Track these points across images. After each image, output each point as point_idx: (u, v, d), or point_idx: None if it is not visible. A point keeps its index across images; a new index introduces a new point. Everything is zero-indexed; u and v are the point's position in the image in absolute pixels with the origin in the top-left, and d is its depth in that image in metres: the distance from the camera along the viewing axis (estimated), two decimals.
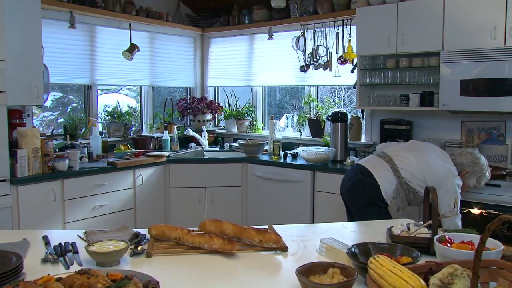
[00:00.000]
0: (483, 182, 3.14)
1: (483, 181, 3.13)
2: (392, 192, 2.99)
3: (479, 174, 3.09)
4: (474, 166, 3.07)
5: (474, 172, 3.08)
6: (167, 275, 1.63)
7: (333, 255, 1.80)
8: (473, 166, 3.07)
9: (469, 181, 3.08)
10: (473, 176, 3.08)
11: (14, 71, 3.59)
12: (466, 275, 1.20)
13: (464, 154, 3.12)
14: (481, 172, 3.09)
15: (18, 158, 3.53)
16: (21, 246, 1.89)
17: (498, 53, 3.49)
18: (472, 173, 3.08)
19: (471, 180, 3.08)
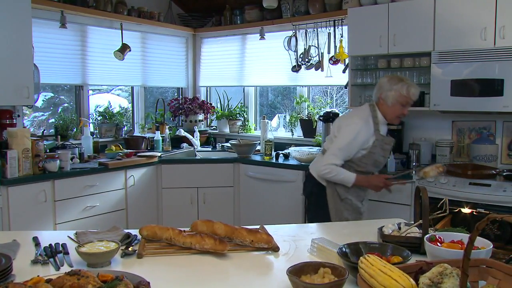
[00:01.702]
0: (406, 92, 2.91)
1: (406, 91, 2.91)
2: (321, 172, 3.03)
3: (388, 88, 2.93)
4: (381, 88, 2.96)
5: (386, 92, 2.93)
6: (158, 276, 1.63)
7: (324, 255, 1.80)
8: (381, 89, 2.96)
9: (389, 101, 2.93)
10: (388, 94, 2.93)
11: (4, 71, 3.56)
12: (455, 274, 1.21)
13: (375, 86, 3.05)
14: (395, 86, 2.92)
15: (8, 158, 3.50)
16: (11, 248, 1.88)
17: (488, 53, 3.52)
18: (385, 93, 2.94)
19: (390, 99, 2.92)
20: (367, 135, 2.95)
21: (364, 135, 2.94)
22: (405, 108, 2.97)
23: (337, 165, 2.94)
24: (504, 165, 3.87)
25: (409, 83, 2.95)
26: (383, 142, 2.99)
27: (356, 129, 2.94)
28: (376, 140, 2.96)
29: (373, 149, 2.96)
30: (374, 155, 2.98)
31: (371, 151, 2.97)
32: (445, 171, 3.38)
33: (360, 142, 2.94)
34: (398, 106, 2.94)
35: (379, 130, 2.98)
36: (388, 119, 3.02)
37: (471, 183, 3.44)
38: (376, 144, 2.96)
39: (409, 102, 2.95)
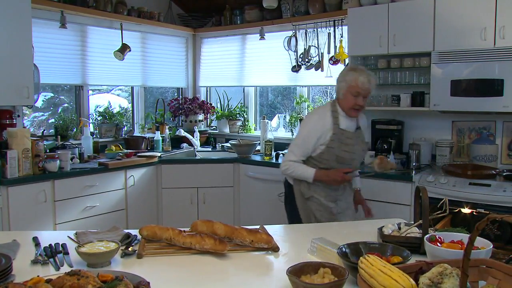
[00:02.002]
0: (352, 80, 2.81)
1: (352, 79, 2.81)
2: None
3: (342, 78, 2.87)
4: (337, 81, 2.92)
5: (337, 86, 2.89)
6: (158, 276, 1.63)
7: (324, 255, 1.80)
8: (337, 82, 2.92)
9: (340, 92, 2.86)
10: (340, 90, 2.86)
11: (4, 71, 3.56)
12: (455, 274, 1.21)
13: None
14: (343, 76, 2.86)
15: (8, 159, 3.50)
16: (11, 248, 1.88)
17: (488, 53, 3.52)
18: (337, 88, 2.88)
19: (341, 90, 2.85)
20: (323, 130, 2.83)
21: (319, 130, 2.83)
22: (357, 98, 2.81)
23: (294, 162, 2.88)
24: (504, 165, 3.87)
25: (361, 72, 2.83)
26: (343, 136, 2.85)
27: (309, 124, 2.90)
28: (333, 135, 2.83)
29: (331, 144, 2.83)
30: (333, 150, 2.84)
31: (329, 146, 2.83)
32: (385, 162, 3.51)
33: (315, 137, 2.84)
34: (350, 97, 2.82)
35: (339, 125, 2.86)
36: (345, 111, 2.87)
37: (471, 183, 3.43)
38: (333, 138, 2.83)
39: (360, 92, 2.80)
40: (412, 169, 3.92)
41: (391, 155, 3.95)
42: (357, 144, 2.91)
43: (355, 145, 2.89)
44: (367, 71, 2.88)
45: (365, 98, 2.86)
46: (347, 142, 2.86)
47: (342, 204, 3.01)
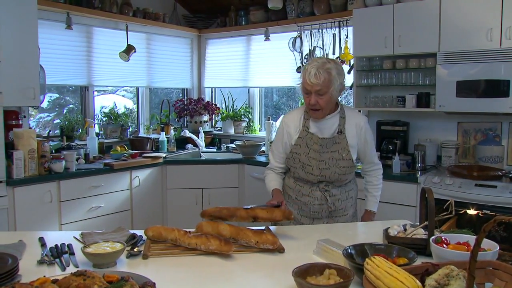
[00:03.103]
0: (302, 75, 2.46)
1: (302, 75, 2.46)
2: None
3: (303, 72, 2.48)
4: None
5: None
6: (163, 277, 1.63)
7: (329, 256, 1.80)
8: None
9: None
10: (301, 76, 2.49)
11: (10, 72, 3.57)
12: (462, 276, 1.21)
13: None
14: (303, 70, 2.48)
15: (14, 159, 3.52)
16: (17, 248, 1.88)
17: (494, 54, 3.51)
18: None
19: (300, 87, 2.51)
20: (290, 132, 2.56)
21: (286, 132, 2.57)
22: (309, 97, 2.42)
23: (269, 168, 2.67)
24: (510, 166, 3.85)
25: (311, 63, 2.42)
26: (311, 142, 2.50)
27: (280, 126, 2.65)
28: (299, 139, 2.53)
29: (295, 149, 2.53)
30: (299, 156, 2.52)
31: (294, 152, 2.53)
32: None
33: (284, 139, 2.59)
34: (303, 95, 2.49)
35: (308, 127, 2.53)
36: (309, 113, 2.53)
37: (476, 185, 3.42)
38: (299, 143, 2.52)
39: (308, 89, 2.41)
40: (418, 170, 3.91)
41: (396, 156, 3.94)
42: (329, 151, 2.49)
43: (325, 153, 2.49)
44: (321, 60, 2.42)
45: (320, 96, 2.40)
46: (313, 148, 2.49)
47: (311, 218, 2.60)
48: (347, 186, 2.62)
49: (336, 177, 2.52)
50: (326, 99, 2.40)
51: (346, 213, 2.62)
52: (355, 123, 2.55)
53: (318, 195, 2.54)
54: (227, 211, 2.19)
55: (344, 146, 2.51)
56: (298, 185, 2.59)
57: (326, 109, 2.45)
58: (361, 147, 2.59)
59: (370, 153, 2.65)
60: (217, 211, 2.19)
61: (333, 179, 2.52)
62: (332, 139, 2.50)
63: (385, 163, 4.10)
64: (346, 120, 2.54)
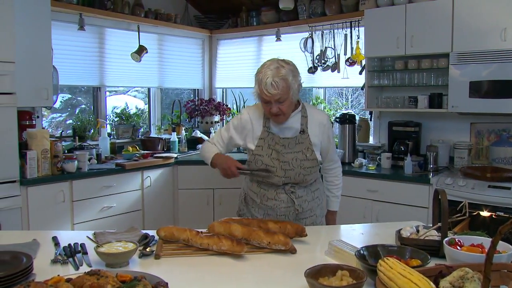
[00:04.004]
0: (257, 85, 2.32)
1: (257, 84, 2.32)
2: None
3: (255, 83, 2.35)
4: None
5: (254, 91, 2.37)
6: (175, 277, 1.64)
7: (342, 257, 1.79)
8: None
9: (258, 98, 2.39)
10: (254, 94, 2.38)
11: (24, 72, 3.61)
12: (477, 279, 1.20)
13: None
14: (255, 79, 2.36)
15: (28, 159, 3.55)
16: (31, 247, 1.90)
17: (507, 54, 3.47)
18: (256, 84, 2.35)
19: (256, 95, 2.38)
20: (247, 126, 2.46)
21: (242, 126, 2.48)
22: (269, 105, 2.31)
23: (208, 142, 2.60)
24: None
25: (266, 70, 2.29)
26: (272, 142, 2.40)
27: (237, 116, 2.53)
28: (261, 140, 2.42)
29: (258, 150, 2.42)
30: (261, 158, 2.41)
31: (256, 153, 2.43)
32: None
33: (235, 131, 2.50)
34: (262, 104, 2.37)
35: (269, 127, 2.43)
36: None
37: (490, 186, 3.39)
38: (260, 144, 2.41)
39: (267, 100, 2.28)
40: (430, 172, 3.88)
41: (408, 157, 3.92)
42: (294, 152, 2.41)
43: (289, 153, 2.40)
44: (273, 66, 2.30)
45: (281, 103, 2.30)
46: (276, 149, 2.40)
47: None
48: (313, 186, 2.55)
49: (301, 178, 2.44)
50: (287, 104, 2.32)
51: (313, 213, 2.56)
52: (318, 122, 2.48)
53: (284, 197, 2.45)
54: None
55: (307, 145, 2.43)
56: (263, 189, 2.49)
57: (288, 112, 2.37)
58: (324, 146, 2.52)
59: (331, 151, 2.58)
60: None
61: (298, 180, 2.44)
62: (295, 138, 2.42)
63: (396, 164, 4.09)
64: (309, 119, 2.46)
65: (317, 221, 2.58)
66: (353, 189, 3.99)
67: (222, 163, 2.46)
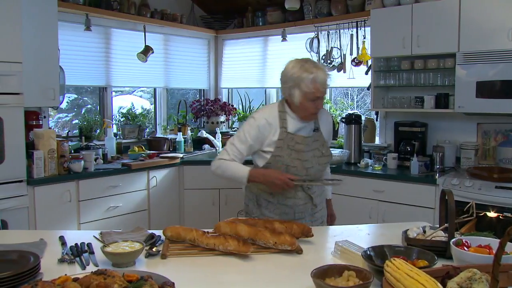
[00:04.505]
0: (309, 84, 2.32)
1: (306, 83, 2.32)
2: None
3: (291, 84, 2.36)
4: (284, 84, 2.41)
5: (290, 88, 2.37)
6: (182, 276, 1.64)
7: (348, 258, 1.79)
8: (284, 85, 2.41)
9: (295, 97, 2.36)
10: (293, 90, 2.36)
11: (31, 73, 3.63)
12: (485, 280, 1.19)
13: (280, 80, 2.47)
14: (294, 80, 2.35)
15: (35, 159, 3.57)
16: (38, 246, 1.91)
17: None
18: (289, 90, 2.38)
19: (296, 96, 2.35)
20: (265, 132, 2.42)
21: (260, 132, 2.42)
22: (317, 102, 2.37)
23: (226, 160, 2.47)
24: None
25: (316, 69, 2.35)
26: (292, 142, 2.41)
27: (251, 124, 2.44)
28: (279, 140, 2.41)
29: (277, 152, 2.41)
30: (282, 158, 2.41)
31: (275, 154, 2.41)
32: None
33: (254, 139, 2.43)
34: (308, 103, 2.37)
35: (286, 128, 2.42)
36: (301, 117, 2.43)
37: (497, 187, 3.38)
38: (280, 145, 2.40)
39: (319, 96, 2.36)
40: (436, 172, 3.87)
41: (414, 157, 3.91)
42: (312, 149, 2.46)
43: (309, 151, 2.44)
44: (319, 64, 2.45)
45: (322, 99, 2.41)
46: (297, 149, 2.41)
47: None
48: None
49: (319, 175, 2.51)
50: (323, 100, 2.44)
51: (322, 206, 2.63)
52: (325, 118, 2.58)
53: (302, 195, 2.49)
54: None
55: (322, 142, 2.51)
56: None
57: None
58: (329, 140, 2.61)
59: (328, 144, 2.62)
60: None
61: (317, 176, 2.49)
62: (312, 137, 2.47)
63: (403, 164, 4.08)
64: (319, 117, 2.52)
65: (324, 214, 2.67)
66: (359, 189, 3.99)
67: (268, 176, 2.39)
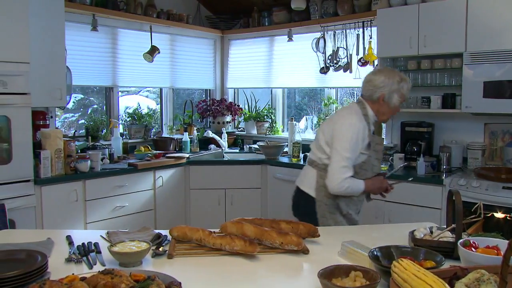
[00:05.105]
0: (406, 91, 2.63)
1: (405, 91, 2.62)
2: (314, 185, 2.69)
3: (396, 88, 2.58)
4: (384, 87, 2.59)
5: (390, 92, 2.59)
6: (189, 276, 1.64)
7: (354, 258, 1.78)
8: (384, 88, 2.59)
9: (393, 101, 2.60)
10: (393, 94, 2.59)
11: (38, 73, 3.65)
12: (493, 281, 1.18)
13: (367, 82, 2.65)
14: (397, 85, 2.58)
15: (42, 159, 3.58)
16: (46, 246, 1.92)
17: None
18: (389, 93, 2.59)
19: (394, 100, 2.60)
20: (364, 135, 2.58)
21: (362, 135, 2.57)
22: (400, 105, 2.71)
23: (352, 177, 2.56)
24: None
25: (405, 78, 2.66)
26: (374, 143, 2.65)
27: (355, 128, 2.56)
28: (369, 142, 2.61)
29: (368, 153, 2.62)
30: (371, 158, 2.65)
31: (368, 155, 2.62)
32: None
33: (360, 143, 2.57)
34: (399, 106, 2.67)
35: (371, 130, 2.66)
36: (383, 118, 2.68)
37: (504, 187, 3.36)
38: (370, 146, 2.62)
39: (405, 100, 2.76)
40: (443, 172, 3.85)
41: (421, 158, 3.89)
42: (382, 150, 2.79)
43: (381, 152, 2.76)
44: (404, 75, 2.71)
45: None
46: (378, 149, 2.68)
47: (361, 215, 2.85)
48: None
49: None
50: None
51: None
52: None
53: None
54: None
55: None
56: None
57: None
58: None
59: None
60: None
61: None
62: (382, 139, 2.79)
63: (409, 164, 4.06)
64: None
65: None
66: None
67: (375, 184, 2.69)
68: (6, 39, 3.31)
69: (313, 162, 2.74)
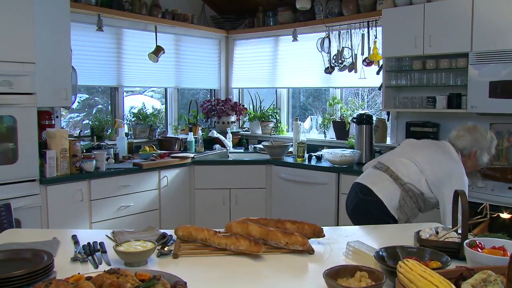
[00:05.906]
0: (494, 150, 2.90)
1: (493, 149, 2.89)
2: (397, 203, 2.73)
3: (488, 146, 2.84)
4: (478, 143, 2.82)
5: (482, 149, 2.83)
6: (194, 276, 1.64)
7: (360, 258, 1.78)
8: (478, 144, 2.81)
9: (482, 158, 2.85)
10: (484, 152, 2.84)
11: (44, 73, 3.66)
12: (499, 282, 1.18)
13: (462, 137, 2.85)
14: (489, 143, 2.84)
15: (47, 158, 3.60)
16: (52, 245, 1.93)
17: None
18: (481, 150, 2.82)
19: (484, 157, 2.85)
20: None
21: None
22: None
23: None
24: None
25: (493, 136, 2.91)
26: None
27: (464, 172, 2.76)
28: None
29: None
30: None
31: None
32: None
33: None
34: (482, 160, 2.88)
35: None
36: (468, 172, 2.80)
37: (510, 188, 3.34)
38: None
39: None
40: None
41: None
42: None
43: None
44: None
45: None
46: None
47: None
48: None
49: None
50: None
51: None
52: None
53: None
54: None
55: None
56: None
57: None
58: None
59: None
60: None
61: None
62: None
63: None
64: None
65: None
66: None
67: None
68: (12, 39, 3.33)
69: (399, 179, 2.77)
